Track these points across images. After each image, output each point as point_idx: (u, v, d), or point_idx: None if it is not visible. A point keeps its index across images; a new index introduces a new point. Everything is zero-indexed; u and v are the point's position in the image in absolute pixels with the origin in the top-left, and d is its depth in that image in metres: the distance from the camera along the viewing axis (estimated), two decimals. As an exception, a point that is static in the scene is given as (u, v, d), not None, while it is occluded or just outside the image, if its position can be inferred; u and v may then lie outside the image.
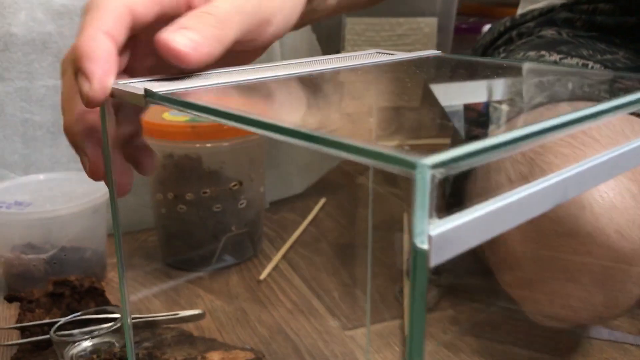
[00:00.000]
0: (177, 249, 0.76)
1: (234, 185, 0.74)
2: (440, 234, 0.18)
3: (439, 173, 0.18)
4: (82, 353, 0.49)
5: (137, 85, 0.31)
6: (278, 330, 0.63)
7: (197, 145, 0.71)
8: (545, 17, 0.77)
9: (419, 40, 1.27)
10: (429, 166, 0.18)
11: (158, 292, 0.70)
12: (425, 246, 0.18)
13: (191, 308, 0.65)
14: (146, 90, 0.29)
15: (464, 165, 0.18)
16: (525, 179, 0.51)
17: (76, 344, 0.51)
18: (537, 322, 0.56)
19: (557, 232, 0.49)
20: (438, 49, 0.45)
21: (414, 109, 0.38)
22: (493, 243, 0.55)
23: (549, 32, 0.75)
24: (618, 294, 0.50)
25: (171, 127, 0.71)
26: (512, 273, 0.55)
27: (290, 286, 0.73)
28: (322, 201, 0.97)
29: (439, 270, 0.72)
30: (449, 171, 0.18)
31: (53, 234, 0.72)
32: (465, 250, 0.19)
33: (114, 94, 0.32)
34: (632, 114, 0.57)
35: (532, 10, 0.79)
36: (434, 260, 0.18)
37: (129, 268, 0.77)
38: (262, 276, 0.75)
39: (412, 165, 0.18)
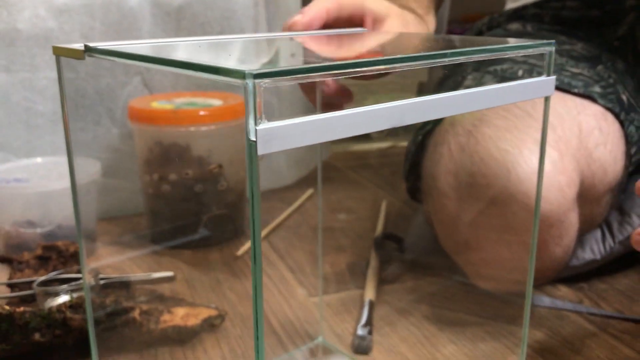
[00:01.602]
0: (163, 227, 0.82)
1: (214, 168, 0.80)
2: (266, 130, 0.23)
3: (264, 83, 0.23)
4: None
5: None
6: (247, 296, 0.69)
7: (180, 129, 0.77)
8: (515, 13, 0.82)
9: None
10: (254, 75, 0.23)
11: (139, 260, 0.76)
12: (253, 138, 0.23)
13: (172, 281, 0.71)
14: (85, 45, 0.35)
15: (282, 80, 0.24)
16: (462, 149, 0.56)
17: (56, 297, 0.57)
18: (479, 286, 0.61)
19: (487, 196, 0.54)
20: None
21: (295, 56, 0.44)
22: (436, 209, 0.60)
23: (514, 26, 0.80)
24: (543, 254, 0.54)
25: (157, 112, 0.77)
26: (451, 237, 0.59)
27: (267, 262, 0.78)
28: (310, 192, 1.03)
29: (402, 248, 0.77)
30: (274, 83, 0.24)
31: (50, 211, 0.78)
32: (289, 147, 0.24)
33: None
34: (569, 92, 0.61)
35: (509, 10, 0.84)
36: (261, 150, 0.24)
37: (118, 245, 0.83)
38: (240, 252, 0.80)
39: (242, 75, 0.23)
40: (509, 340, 0.59)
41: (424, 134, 0.65)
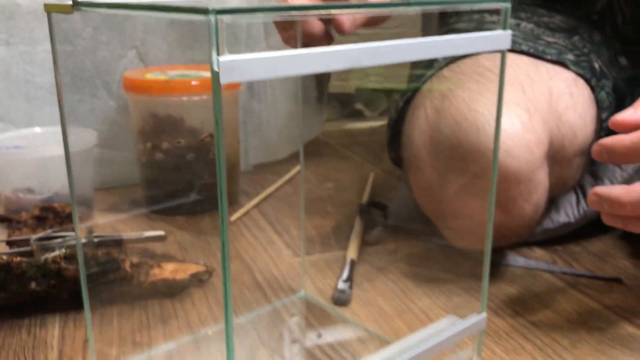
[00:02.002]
0: (157, 194, 0.85)
1: (206, 137, 0.83)
2: (227, 62, 0.26)
3: (226, 18, 0.26)
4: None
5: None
6: (236, 256, 0.72)
7: (173, 98, 0.80)
8: None
9: (404, 23, 1.35)
10: (216, 11, 0.26)
11: (133, 224, 0.79)
12: (216, 69, 0.26)
13: (163, 240, 0.74)
14: (74, 1, 0.38)
15: (243, 18, 0.27)
16: (437, 112, 0.59)
17: (52, 252, 0.60)
18: (454, 244, 0.64)
19: (459, 155, 0.56)
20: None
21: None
22: (412, 171, 0.63)
23: None
24: (512, 211, 0.57)
25: (150, 82, 0.80)
26: (427, 197, 0.62)
27: (257, 227, 0.81)
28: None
29: (387, 215, 0.80)
30: (235, 20, 0.26)
31: (48, 179, 0.81)
32: (249, 79, 0.27)
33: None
34: (542, 58, 0.64)
35: None
36: (223, 80, 0.26)
37: (113, 212, 0.86)
38: (233, 218, 0.83)
39: (205, 12, 0.26)
40: (475, 294, 0.62)
41: (404, 101, 0.68)
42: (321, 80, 1.28)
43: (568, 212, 0.70)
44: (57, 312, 0.59)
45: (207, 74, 0.84)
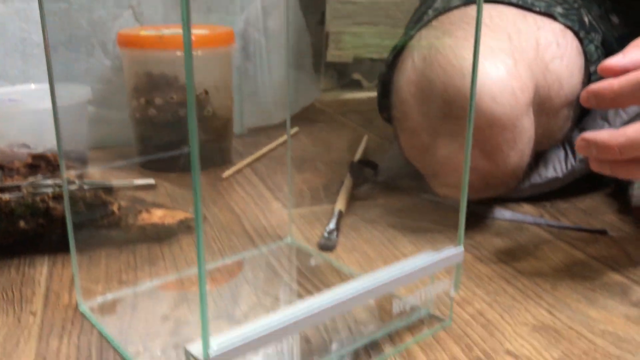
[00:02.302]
0: (150, 152, 0.86)
1: (200, 94, 0.83)
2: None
3: None
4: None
5: None
6: (227, 208, 0.73)
7: (166, 53, 0.80)
8: None
9: (402, 10, 1.34)
10: None
11: (124, 175, 0.80)
12: None
13: (153, 189, 0.75)
14: None
15: None
16: (424, 59, 0.59)
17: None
18: (440, 195, 0.64)
19: (443, 99, 0.57)
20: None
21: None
22: (399, 119, 0.63)
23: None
24: (498, 158, 0.58)
25: (144, 37, 0.80)
26: (413, 146, 0.63)
27: (248, 183, 0.82)
28: (295, 129, 1.06)
29: (377, 173, 0.80)
30: None
31: (42, 133, 0.82)
32: None
33: None
34: (531, 10, 0.64)
35: None
36: None
37: (107, 167, 0.87)
38: (226, 174, 0.84)
39: None
40: (465, 243, 0.63)
41: (394, 55, 0.68)
42: (318, 48, 1.28)
43: (556, 168, 0.70)
44: (46, 252, 0.60)
45: (202, 32, 0.85)
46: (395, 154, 0.86)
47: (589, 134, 0.50)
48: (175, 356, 0.44)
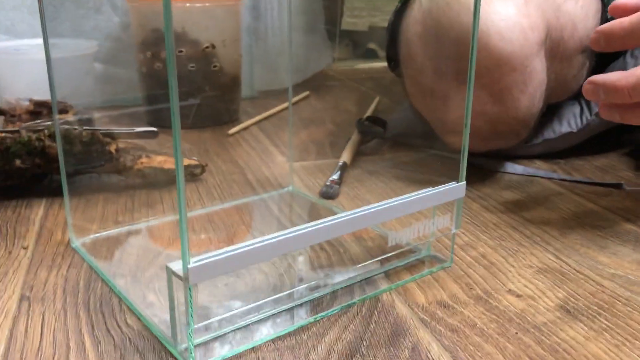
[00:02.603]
0: (157, 106, 0.85)
1: (207, 48, 0.81)
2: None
3: None
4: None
5: None
6: (231, 160, 0.71)
7: (175, 5, 0.79)
8: None
9: None
10: None
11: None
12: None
13: (155, 137, 0.73)
14: None
15: None
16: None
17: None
18: (448, 145, 0.62)
19: (449, 38, 0.54)
20: None
21: None
22: (405, 63, 0.61)
23: None
24: (507, 101, 0.55)
25: (150, -11, 0.79)
26: (419, 90, 0.60)
27: (254, 139, 0.81)
28: (306, 93, 1.04)
29: (385, 128, 0.78)
30: None
31: (47, 85, 0.81)
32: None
33: None
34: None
35: None
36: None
37: (114, 123, 0.86)
38: (232, 131, 0.82)
39: None
40: (472, 193, 0.61)
41: (402, 1, 0.66)
42: (333, 14, 1.26)
43: (571, 122, 0.68)
44: (44, 196, 0.60)
45: (210, -14, 0.83)
46: (404, 112, 0.84)
47: (597, 77, 0.47)
48: (163, 286, 0.43)
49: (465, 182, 0.44)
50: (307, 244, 0.36)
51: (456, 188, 0.43)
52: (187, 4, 0.79)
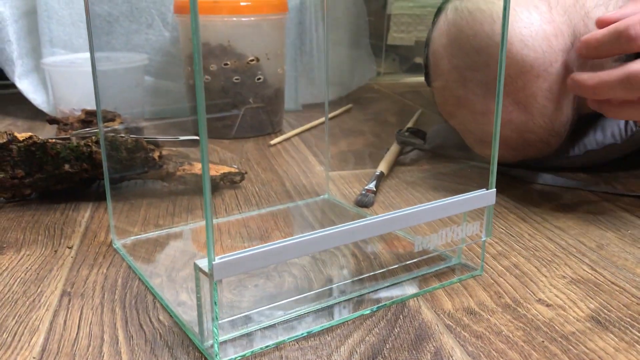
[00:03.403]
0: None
1: (251, 61, 0.84)
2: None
3: None
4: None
5: None
6: (270, 169, 0.73)
7: (221, 19, 0.81)
8: None
9: None
10: None
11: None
12: None
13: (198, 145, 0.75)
14: None
15: None
16: (455, 10, 0.58)
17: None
18: (477, 152, 0.62)
19: (473, 47, 0.55)
20: None
21: None
22: (433, 75, 0.61)
23: None
24: (533, 109, 0.55)
25: (199, 4, 0.82)
26: (446, 99, 0.61)
27: (295, 149, 0.82)
28: (349, 106, 1.05)
29: (425, 140, 0.78)
30: None
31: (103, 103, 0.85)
32: None
33: None
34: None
35: None
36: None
37: (161, 132, 0.89)
38: (274, 142, 0.84)
39: None
40: (509, 204, 0.60)
41: (435, 13, 0.66)
42: (378, 29, 1.27)
43: (615, 134, 0.66)
44: (91, 200, 0.62)
45: None
46: (444, 124, 0.84)
47: (576, 73, 0.53)
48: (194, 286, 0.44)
49: (495, 190, 0.44)
50: (330, 245, 0.36)
51: (486, 195, 0.43)
52: (234, 18, 0.81)
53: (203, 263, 0.33)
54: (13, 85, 0.97)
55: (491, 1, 0.54)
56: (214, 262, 0.32)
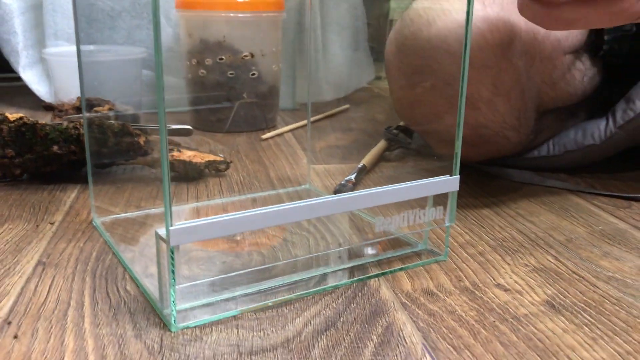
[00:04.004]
0: (200, 112, 0.89)
1: (245, 56, 0.85)
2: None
3: None
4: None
5: None
6: (258, 161, 0.74)
7: (218, 14, 0.83)
8: None
9: None
10: None
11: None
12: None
13: (189, 135, 0.77)
14: None
15: None
16: (401, 19, 0.59)
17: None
18: (438, 152, 0.63)
19: (416, 53, 0.56)
20: None
21: None
22: (388, 84, 0.63)
23: None
24: (481, 105, 0.56)
25: (196, -1, 0.84)
26: (401, 105, 0.62)
27: (286, 144, 0.83)
28: (346, 106, 1.07)
29: (412, 138, 0.79)
30: None
31: (97, 86, 0.87)
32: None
33: None
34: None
35: None
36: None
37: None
38: (265, 136, 0.86)
39: None
40: (487, 200, 0.61)
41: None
42: (377, 31, 1.28)
43: (594, 135, 0.67)
44: (80, 182, 0.64)
45: (253, -1, 0.87)
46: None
47: None
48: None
49: (458, 177, 0.45)
50: (286, 220, 0.38)
51: (449, 181, 0.45)
52: (231, 14, 0.83)
53: (163, 231, 0.35)
54: (20, 78, 1.00)
55: (428, 7, 0.55)
56: (170, 229, 0.33)
